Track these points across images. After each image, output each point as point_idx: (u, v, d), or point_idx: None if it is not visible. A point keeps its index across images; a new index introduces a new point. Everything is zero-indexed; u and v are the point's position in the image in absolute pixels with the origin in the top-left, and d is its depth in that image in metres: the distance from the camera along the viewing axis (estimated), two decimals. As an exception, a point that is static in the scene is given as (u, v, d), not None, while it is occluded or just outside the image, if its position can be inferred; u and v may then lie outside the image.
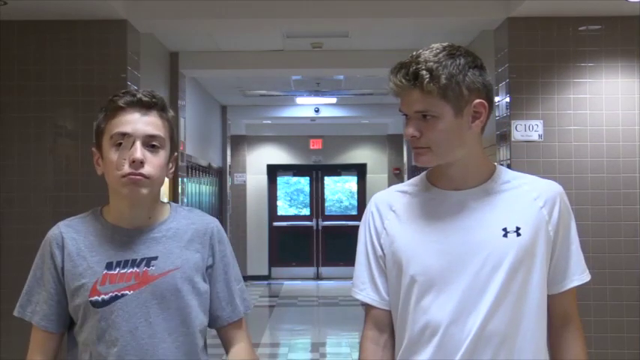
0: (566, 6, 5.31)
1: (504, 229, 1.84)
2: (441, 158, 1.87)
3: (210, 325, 2.08)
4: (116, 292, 1.93)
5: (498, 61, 5.75)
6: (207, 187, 10.19)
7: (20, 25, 5.36)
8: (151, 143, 1.95)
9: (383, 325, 1.94)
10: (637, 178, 5.49)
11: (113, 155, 1.94)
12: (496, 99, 5.82)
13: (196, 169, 9.14)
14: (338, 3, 5.63)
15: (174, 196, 7.14)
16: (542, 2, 5.18)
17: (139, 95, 1.97)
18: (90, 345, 1.94)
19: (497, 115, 5.84)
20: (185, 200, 7.76)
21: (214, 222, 2.10)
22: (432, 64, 1.80)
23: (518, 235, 1.84)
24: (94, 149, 2.03)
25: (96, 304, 1.93)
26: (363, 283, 1.96)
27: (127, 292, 1.93)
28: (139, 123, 1.95)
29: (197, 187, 9.22)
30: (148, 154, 1.94)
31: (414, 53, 1.85)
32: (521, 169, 5.07)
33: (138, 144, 1.93)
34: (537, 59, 5.52)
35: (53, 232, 2.02)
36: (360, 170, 14.83)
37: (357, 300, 1.98)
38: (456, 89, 1.81)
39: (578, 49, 5.54)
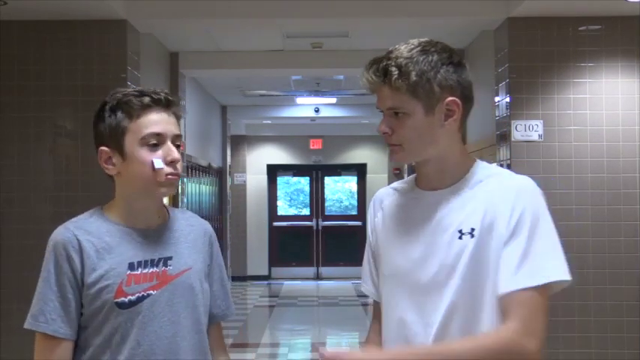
0: (566, 6, 5.31)
1: (460, 231, 1.77)
2: (413, 156, 1.84)
3: None
4: (142, 293, 1.90)
5: (498, 61, 5.75)
6: (207, 187, 10.18)
7: (20, 25, 5.36)
8: (176, 143, 1.95)
9: None
10: (637, 178, 5.48)
11: (146, 156, 1.90)
12: (496, 99, 5.82)
13: (196, 169, 9.14)
14: (338, 3, 5.63)
15: (174, 197, 7.13)
16: (542, 2, 5.18)
17: (162, 94, 1.94)
18: (112, 346, 1.89)
19: (497, 115, 5.84)
20: (185, 200, 7.76)
21: (207, 223, 2.14)
22: (402, 60, 1.76)
23: (472, 236, 1.76)
24: (105, 148, 1.95)
25: (122, 306, 1.88)
26: (366, 276, 2.00)
27: (151, 291, 1.92)
28: (168, 123, 1.94)
29: (197, 187, 9.21)
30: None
31: (390, 48, 1.81)
32: (521, 169, 5.08)
33: (170, 144, 1.93)
34: (537, 59, 5.52)
35: (65, 235, 1.91)
36: (360, 170, 14.82)
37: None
38: (427, 86, 1.76)
39: (578, 49, 5.54)
